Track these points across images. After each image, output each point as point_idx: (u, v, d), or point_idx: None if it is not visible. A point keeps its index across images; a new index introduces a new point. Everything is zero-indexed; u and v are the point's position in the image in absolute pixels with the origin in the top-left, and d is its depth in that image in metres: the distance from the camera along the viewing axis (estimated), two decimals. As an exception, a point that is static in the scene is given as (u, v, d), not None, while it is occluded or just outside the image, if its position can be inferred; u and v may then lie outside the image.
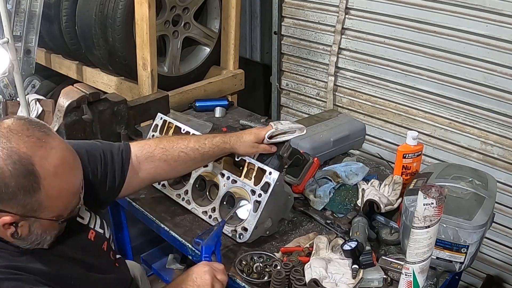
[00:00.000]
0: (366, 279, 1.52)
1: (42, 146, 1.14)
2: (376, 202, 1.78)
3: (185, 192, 1.88)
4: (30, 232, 1.20)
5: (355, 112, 2.90)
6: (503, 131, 2.36)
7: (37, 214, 1.17)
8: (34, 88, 3.57)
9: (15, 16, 2.56)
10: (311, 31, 2.97)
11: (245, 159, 1.75)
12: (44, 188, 1.14)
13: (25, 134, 1.13)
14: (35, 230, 1.20)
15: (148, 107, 2.45)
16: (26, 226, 1.19)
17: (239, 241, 1.69)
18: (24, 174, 1.11)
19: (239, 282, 1.58)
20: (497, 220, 2.30)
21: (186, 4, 2.87)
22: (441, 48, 2.44)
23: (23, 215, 1.16)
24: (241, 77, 3.12)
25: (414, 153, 1.84)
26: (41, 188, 1.13)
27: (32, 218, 1.18)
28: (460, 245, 1.52)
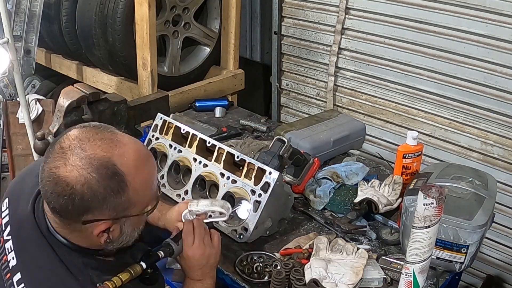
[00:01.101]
0: (366, 279, 1.52)
1: (116, 145, 1.15)
2: (374, 202, 1.78)
3: (185, 192, 1.88)
4: (122, 232, 1.22)
5: (355, 112, 2.89)
6: (503, 131, 2.36)
7: (128, 212, 1.18)
8: (34, 88, 3.56)
9: (15, 16, 2.56)
10: (311, 31, 2.97)
11: (245, 159, 1.75)
12: (130, 184, 1.14)
13: (97, 138, 1.14)
14: (126, 229, 1.22)
15: (148, 107, 2.45)
16: (117, 228, 1.20)
17: (239, 241, 1.69)
18: (109, 176, 1.11)
19: (239, 282, 1.58)
20: (497, 220, 2.30)
21: (186, 4, 2.87)
22: (441, 48, 2.44)
23: (115, 217, 1.17)
24: (241, 77, 3.12)
25: (414, 153, 1.84)
26: (127, 185, 1.14)
27: (123, 218, 1.19)
28: (460, 245, 1.52)
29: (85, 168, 1.10)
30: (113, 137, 1.16)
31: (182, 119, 2.45)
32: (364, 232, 1.78)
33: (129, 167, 1.14)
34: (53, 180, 1.11)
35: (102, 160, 1.11)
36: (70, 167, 1.10)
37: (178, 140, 1.98)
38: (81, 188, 1.09)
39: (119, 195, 1.14)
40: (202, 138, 1.89)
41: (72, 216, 1.14)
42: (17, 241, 1.26)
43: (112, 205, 1.14)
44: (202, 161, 1.86)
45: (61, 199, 1.11)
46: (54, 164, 1.12)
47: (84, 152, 1.11)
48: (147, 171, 1.21)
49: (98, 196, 1.11)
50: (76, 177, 1.09)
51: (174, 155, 1.95)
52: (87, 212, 1.13)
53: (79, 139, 1.13)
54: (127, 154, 1.15)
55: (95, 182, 1.10)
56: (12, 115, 2.71)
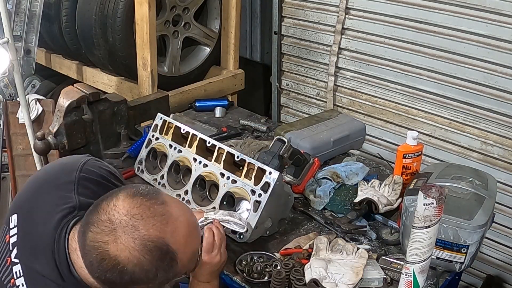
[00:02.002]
0: (366, 279, 1.52)
1: (168, 222, 1.12)
2: (374, 202, 1.78)
3: (185, 192, 1.88)
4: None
5: (355, 112, 2.89)
6: (503, 131, 2.36)
7: (171, 280, 1.20)
8: (34, 88, 3.55)
9: (15, 16, 2.56)
10: (311, 31, 2.97)
11: (245, 159, 1.75)
12: (180, 261, 1.14)
13: (149, 215, 1.10)
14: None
15: (148, 107, 2.45)
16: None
17: (239, 241, 1.69)
18: (161, 258, 1.10)
19: (239, 282, 1.58)
20: (497, 220, 2.30)
21: (186, 4, 2.87)
22: (441, 48, 2.44)
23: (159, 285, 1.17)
24: (241, 77, 3.12)
25: (414, 153, 1.84)
26: (178, 263, 1.14)
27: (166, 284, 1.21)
28: (460, 245, 1.52)
29: (139, 250, 1.07)
30: (164, 212, 1.13)
31: (182, 119, 2.45)
32: (364, 232, 1.78)
33: (180, 244, 1.14)
34: (101, 254, 1.08)
35: (156, 241, 1.09)
36: (122, 246, 1.07)
37: (178, 140, 1.98)
38: (133, 268, 1.08)
39: (168, 272, 1.14)
40: (202, 138, 1.89)
41: (116, 285, 1.12)
42: (28, 270, 1.20)
43: (160, 280, 1.14)
44: (202, 161, 1.86)
45: (109, 274, 1.09)
46: (102, 239, 1.07)
47: (137, 231, 1.07)
48: (195, 243, 1.22)
49: (149, 275, 1.10)
50: (128, 258, 1.07)
51: (174, 155, 1.95)
52: (133, 286, 1.12)
53: (132, 216, 1.09)
54: (178, 230, 1.14)
55: (148, 263, 1.09)
56: (12, 115, 2.71)
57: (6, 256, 1.24)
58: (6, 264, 1.24)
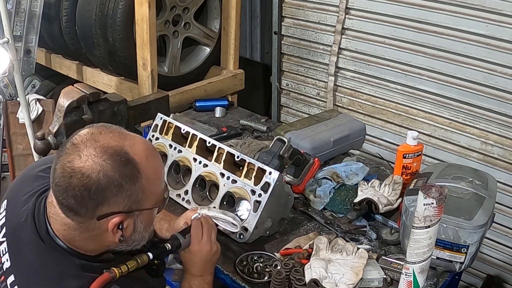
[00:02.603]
0: (366, 279, 1.52)
1: (126, 137, 1.19)
2: (374, 202, 1.78)
3: (185, 192, 1.88)
4: (135, 229, 1.23)
5: (355, 112, 2.89)
6: (503, 131, 2.36)
7: (141, 204, 1.20)
8: (34, 88, 3.56)
9: (15, 16, 2.56)
10: (311, 31, 2.97)
11: (245, 159, 1.75)
12: (142, 173, 1.16)
13: (107, 131, 1.18)
14: (138, 226, 1.23)
15: (148, 107, 2.45)
16: (131, 224, 1.21)
17: (239, 241, 1.69)
18: (123, 163, 1.14)
19: (239, 282, 1.58)
20: (497, 220, 2.30)
21: (186, 4, 2.87)
22: (441, 48, 2.44)
23: (129, 209, 1.18)
24: (241, 77, 3.12)
25: (414, 153, 1.84)
26: (140, 173, 1.16)
27: (137, 211, 1.20)
28: (460, 245, 1.52)
29: (100, 156, 1.12)
30: (122, 131, 1.21)
31: (182, 119, 2.45)
32: (364, 232, 1.78)
33: (140, 156, 1.17)
34: (68, 174, 1.12)
35: (115, 149, 1.14)
36: (85, 157, 1.11)
37: (178, 140, 1.98)
38: (97, 176, 1.10)
39: (133, 182, 1.15)
40: (202, 138, 1.89)
41: (87, 212, 1.14)
42: (12, 243, 1.27)
43: (127, 194, 1.15)
44: (202, 161, 1.86)
45: (77, 191, 1.11)
46: (68, 159, 1.13)
47: (97, 143, 1.14)
48: (157, 161, 1.24)
49: (113, 182, 1.12)
50: (91, 166, 1.11)
51: (174, 155, 1.95)
52: (102, 203, 1.13)
53: (91, 134, 1.16)
54: (137, 144, 1.19)
55: (110, 168, 1.12)
56: (12, 115, 2.71)
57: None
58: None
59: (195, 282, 1.44)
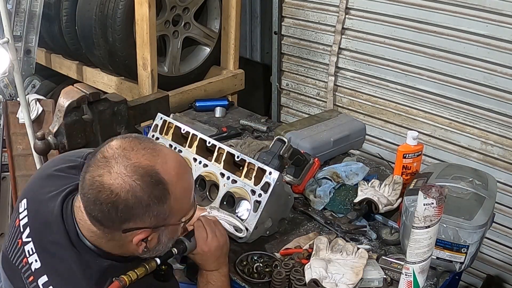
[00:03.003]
0: (366, 279, 1.53)
1: (158, 155, 1.17)
2: (374, 202, 1.78)
3: (185, 192, 1.88)
4: (159, 242, 1.24)
5: (355, 112, 2.89)
6: (503, 131, 2.36)
7: (167, 221, 1.20)
8: (34, 88, 3.56)
9: (15, 16, 2.56)
10: (311, 31, 2.97)
11: (245, 159, 1.75)
12: (172, 193, 1.16)
13: (140, 148, 1.16)
14: (163, 239, 1.24)
15: (148, 107, 2.45)
16: (155, 237, 1.22)
17: (239, 241, 1.69)
18: (153, 184, 1.13)
19: (239, 282, 1.58)
20: (497, 220, 2.30)
21: (186, 4, 2.87)
22: (441, 48, 2.44)
23: (155, 226, 1.18)
24: (241, 77, 3.12)
25: (414, 153, 1.84)
26: (170, 193, 1.16)
27: (163, 227, 1.20)
28: (460, 245, 1.52)
29: (130, 175, 1.11)
30: (155, 147, 1.19)
31: (182, 119, 2.45)
32: (364, 232, 1.78)
33: (171, 176, 1.16)
34: (97, 188, 1.12)
35: (146, 169, 1.13)
36: (115, 175, 1.11)
37: (178, 140, 1.98)
38: (126, 195, 1.11)
39: (161, 203, 1.15)
40: (202, 138, 1.89)
41: (113, 225, 1.15)
42: (40, 243, 1.26)
43: (154, 213, 1.15)
44: (202, 161, 1.86)
45: (105, 207, 1.12)
46: (98, 173, 1.13)
47: (129, 160, 1.13)
48: (187, 180, 1.24)
49: (142, 203, 1.12)
50: (121, 185, 1.11)
51: (174, 155, 1.94)
52: (129, 220, 1.14)
53: (123, 148, 1.15)
54: (169, 163, 1.18)
55: (140, 189, 1.12)
56: (12, 115, 2.71)
57: (17, 238, 1.30)
58: (18, 245, 1.29)
59: (212, 277, 1.45)
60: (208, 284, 1.45)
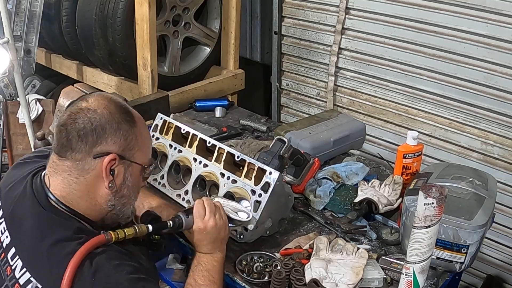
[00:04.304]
0: (366, 279, 1.52)
1: (127, 106, 1.35)
2: (374, 202, 1.78)
3: (185, 192, 1.88)
4: (124, 180, 1.31)
5: (355, 112, 2.90)
6: (503, 131, 2.36)
7: (132, 153, 1.31)
8: (34, 88, 3.56)
9: (16, 16, 2.56)
10: (311, 31, 2.97)
11: (246, 159, 1.75)
12: (137, 124, 1.32)
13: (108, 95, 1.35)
14: (128, 178, 1.31)
15: (148, 107, 2.45)
16: (121, 173, 1.30)
17: (239, 241, 1.68)
18: (123, 110, 1.30)
19: (239, 282, 1.58)
20: (497, 220, 2.30)
21: (186, 4, 2.87)
22: (441, 48, 2.44)
23: (122, 153, 1.28)
24: (241, 77, 3.12)
25: (414, 153, 1.84)
26: (136, 123, 1.32)
27: (128, 161, 1.30)
28: (460, 245, 1.52)
29: (104, 100, 1.29)
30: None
31: (182, 119, 2.45)
32: (364, 232, 1.78)
33: (136, 114, 1.34)
34: (75, 113, 1.25)
35: (117, 101, 1.32)
36: (91, 100, 1.28)
37: (178, 140, 1.98)
38: (102, 111, 1.26)
39: (130, 125, 1.29)
40: (202, 138, 1.89)
41: (86, 145, 1.24)
42: (11, 220, 1.30)
43: (123, 134, 1.27)
44: (202, 161, 1.86)
45: (81, 123, 1.23)
46: (75, 106, 1.28)
47: (102, 96, 1.31)
48: (146, 128, 1.38)
49: (114, 119, 1.26)
50: (97, 104, 1.27)
51: (174, 155, 1.95)
52: (101, 140, 1.24)
53: (96, 96, 1.32)
54: (136, 112, 1.35)
55: (114, 108, 1.28)
56: (12, 115, 2.71)
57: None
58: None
59: (203, 260, 1.44)
60: (198, 265, 1.43)
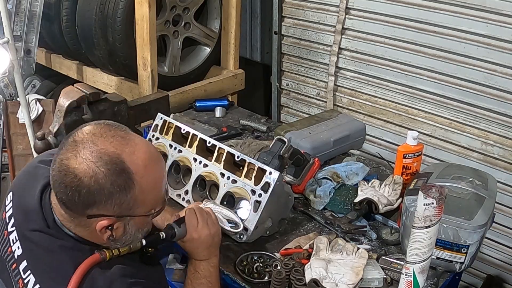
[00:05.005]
0: (366, 279, 1.53)
1: (127, 144, 1.17)
2: (374, 202, 1.78)
3: (185, 192, 1.88)
4: (125, 232, 1.23)
5: (355, 112, 2.89)
6: (503, 131, 2.36)
7: (132, 211, 1.19)
8: (34, 88, 3.56)
9: (15, 16, 2.56)
10: (311, 31, 2.97)
11: (246, 159, 1.75)
12: (137, 183, 1.16)
13: (109, 135, 1.16)
14: (130, 229, 1.23)
15: (148, 107, 2.45)
16: (121, 227, 1.21)
17: (239, 241, 1.69)
18: (117, 173, 1.13)
19: (239, 282, 1.58)
20: (497, 220, 2.30)
21: (186, 4, 2.87)
22: (441, 48, 2.44)
23: (119, 215, 1.18)
24: (241, 77, 3.12)
25: (414, 153, 1.84)
26: (134, 184, 1.15)
27: (128, 217, 1.20)
28: (460, 245, 1.52)
29: (94, 162, 1.12)
30: (125, 136, 1.18)
31: (182, 119, 2.45)
32: (364, 232, 1.78)
33: (138, 166, 1.16)
34: (63, 171, 1.13)
35: (112, 156, 1.13)
36: (80, 159, 1.12)
37: (178, 140, 1.98)
38: (88, 181, 1.11)
39: (125, 192, 1.14)
40: (202, 138, 1.89)
41: (77, 209, 1.16)
42: (22, 230, 1.28)
43: (117, 202, 1.15)
44: (202, 161, 1.86)
45: (69, 190, 1.13)
46: (65, 156, 1.14)
47: (95, 146, 1.13)
48: (156, 172, 1.22)
49: (104, 190, 1.12)
50: (84, 170, 1.11)
51: (174, 155, 1.95)
52: (92, 206, 1.14)
53: (92, 134, 1.16)
54: (138, 153, 1.17)
55: (103, 176, 1.12)
56: (12, 115, 2.71)
57: (3, 230, 1.33)
58: (4, 237, 1.32)
59: (200, 267, 1.44)
60: (195, 273, 1.43)
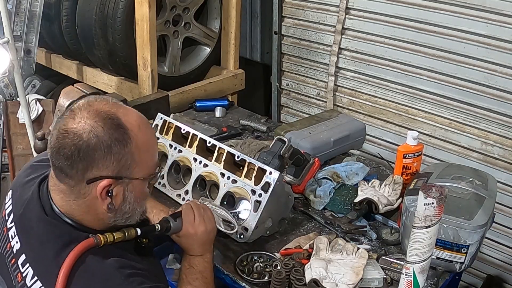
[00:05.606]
0: (366, 279, 1.52)
1: (120, 107, 1.23)
2: (374, 202, 1.78)
3: (186, 192, 1.88)
4: (124, 199, 1.24)
5: (355, 112, 2.90)
6: (503, 131, 2.36)
7: (130, 172, 1.21)
8: (34, 88, 3.56)
9: (16, 16, 2.56)
10: (312, 31, 2.97)
11: (246, 159, 1.75)
12: (133, 139, 1.19)
13: (103, 100, 1.23)
14: (128, 195, 1.24)
15: (148, 107, 2.45)
16: (120, 192, 1.22)
17: (239, 241, 1.69)
18: (114, 127, 1.17)
19: (239, 282, 1.58)
20: (497, 220, 2.30)
21: (187, 4, 2.87)
22: (441, 48, 2.44)
23: (118, 174, 1.19)
24: (242, 77, 3.12)
25: (414, 153, 1.84)
26: (131, 139, 1.19)
27: (126, 179, 1.21)
28: (460, 245, 1.52)
29: (92, 118, 1.16)
30: (118, 102, 1.25)
31: (182, 119, 2.45)
32: (364, 232, 1.78)
33: (132, 125, 1.20)
34: (62, 135, 1.17)
35: (108, 113, 1.18)
36: (78, 119, 1.17)
37: (178, 140, 1.98)
38: (88, 136, 1.15)
39: (122, 146, 1.18)
40: (202, 138, 1.89)
41: (77, 172, 1.17)
42: (20, 225, 1.29)
43: (115, 157, 1.17)
44: (202, 161, 1.86)
45: (68, 151, 1.15)
46: (63, 122, 1.18)
47: (92, 107, 1.19)
48: (149, 133, 1.27)
49: (103, 143, 1.15)
50: (83, 127, 1.16)
51: (174, 155, 1.95)
52: (92, 165, 1.16)
53: (87, 101, 1.22)
54: (130, 114, 1.23)
55: (101, 129, 1.16)
56: (12, 115, 2.71)
57: (3, 227, 1.35)
58: (3, 233, 1.33)
59: (195, 262, 1.44)
60: (190, 268, 1.44)
